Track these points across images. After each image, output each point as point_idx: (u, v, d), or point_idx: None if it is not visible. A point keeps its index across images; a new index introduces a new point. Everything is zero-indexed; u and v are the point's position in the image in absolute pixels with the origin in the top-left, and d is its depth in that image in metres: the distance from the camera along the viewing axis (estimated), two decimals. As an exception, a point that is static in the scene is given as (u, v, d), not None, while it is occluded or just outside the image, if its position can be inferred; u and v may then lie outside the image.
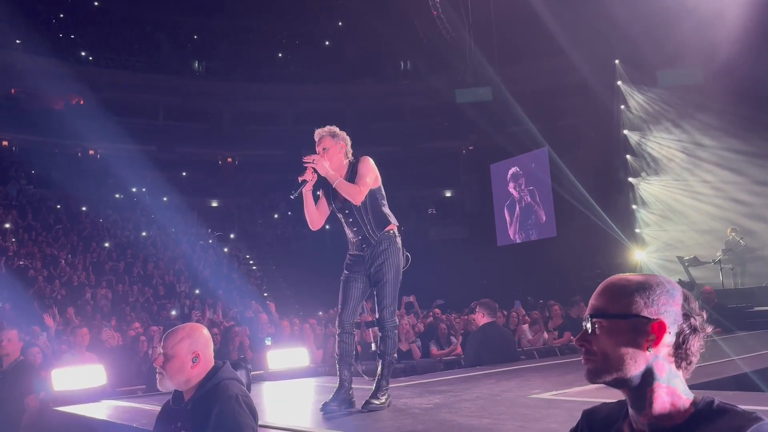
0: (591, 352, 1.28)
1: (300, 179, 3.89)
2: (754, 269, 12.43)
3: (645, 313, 1.26)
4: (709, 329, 1.30)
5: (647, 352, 1.25)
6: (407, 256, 4.03)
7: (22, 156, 22.54)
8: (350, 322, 3.97)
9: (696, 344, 1.28)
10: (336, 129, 4.04)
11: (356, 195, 3.86)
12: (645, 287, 1.28)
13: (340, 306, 3.97)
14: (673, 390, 1.25)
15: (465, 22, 18.43)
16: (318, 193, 4.11)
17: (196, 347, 2.43)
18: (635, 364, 1.25)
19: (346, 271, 4.01)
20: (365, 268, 3.94)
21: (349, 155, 4.04)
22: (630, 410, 1.29)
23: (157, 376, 2.40)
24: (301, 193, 3.92)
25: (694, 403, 1.25)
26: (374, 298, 3.97)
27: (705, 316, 1.30)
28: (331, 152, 3.95)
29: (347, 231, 4.05)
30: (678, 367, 1.27)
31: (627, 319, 1.26)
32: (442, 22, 19.73)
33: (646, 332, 1.25)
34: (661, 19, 13.66)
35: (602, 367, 1.26)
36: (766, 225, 13.42)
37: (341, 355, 3.94)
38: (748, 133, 13.85)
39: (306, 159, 3.89)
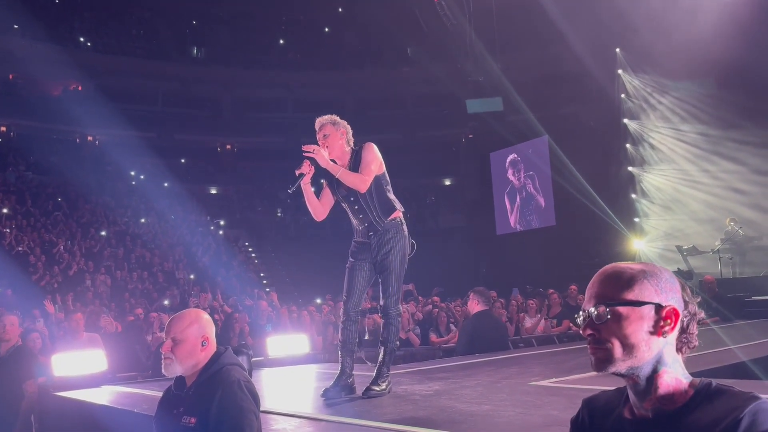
0: (601, 340, 1.26)
1: (297, 172, 3.84)
2: (753, 259, 12.44)
3: (657, 300, 1.26)
4: (702, 314, 1.32)
5: (661, 339, 1.25)
6: (413, 243, 4.02)
7: (20, 142, 22.47)
8: (355, 311, 3.97)
9: (695, 329, 1.30)
10: (337, 117, 4.01)
11: (361, 184, 3.84)
12: (652, 274, 1.29)
13: (345, 294, 3.96)
14: (676, 374, 1.27)
15: (466, 9, 18.32)
16: (321, 181, 4.10)
17: (204, 331, 2.46)
18: (649, 351, 1.25)
19: (351, 259, 3.99)
20: (371, 255, 3.93)
21: (351, 143, 4.02)
22: (632, 396, 1.30)
23: (164, 361, 2.40)
24: (299, 186, 3.88)
25: (692, 386, 1.26)
26: (379, 286, 3.97)
27: (697, 301, 1.32)
28: (332, 139, 3.93)
29: (352, 219, 4.03)
30: (679, 351, 1.29)
31: (642, 306, 1.25)
32: (442, 9, 19.61)
33: (661, 319, 1.25)
34: (662, 6, 13.58)
35: (615, 356, 1.24)
36: (765, 215, 13.42)
37: (344, 342, 3.95)
38: (747, 122, 13.83)
39: (305, 148, 3.83)
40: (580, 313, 1.31)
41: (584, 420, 1.40)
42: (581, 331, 1.30)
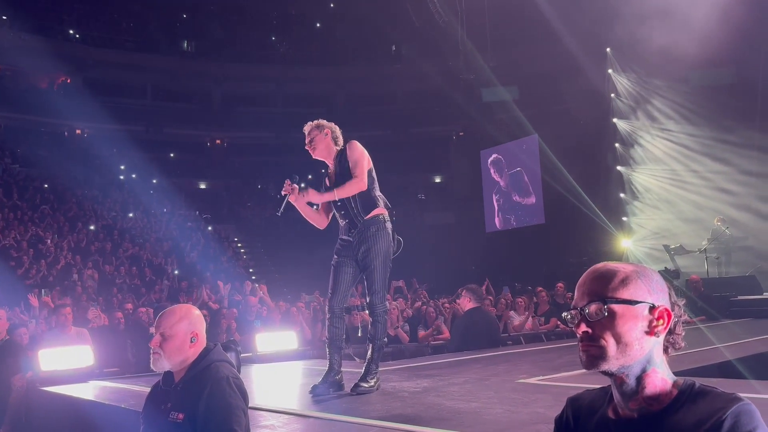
0: (594, 337, 1.26)
1: (282, 194, 3.96)
2: (739, 258, 12.56)
3: (650, 300, 1.27)
4: (686, 316, 1.33)
5: (653, 338, 1.27)
6: (399, 240, 4.02)
7: (7, 134, 22.24)
8: (340, 307, 3.98)
9: (681, 330, 1.31)
10: (322, 121, 4.09)
11: (357, 187, 3.88)
12: (644, 275, 1.30)
13: (330, 291, 3.98)
14: (662, 374, 1.28)
15: (458, 6, 18.32)
16: (309, 177, 4.12)
17: (194, 327, 2.45)
18: (641, 350, 1.25)
19: (335, 257, 4.01)
20: (353, 253, 3.95)
21: (339, 141, 4.05)
22: (617, 396, 1.30)
23: (152, 356, 2.40)
24: (288, 204, 3.97)
25: (676, 386, 1.27)
26: (364, 284, 3.98)
27: (682, 303, 1.33)
28: (317, 140, 4.01)
29: (337, 215, 4.06)
30: (665, 352, 1.30)
31: (637, 304, 1.26)
32: (434, 5, 19.60)
33: (654, 318, 1.27)
34: (653, 6, 13.63)
35: (609, 353, 1.24)
36: (752, 215, 13.55)
37: (331, 339, 3.96)
38: (735, 123, 13.95)
39: (285, 191, 3.95)
40: (570, 310, 1.31)
41: (568, 419, 1.40)
42: (574, 328, 1.29)
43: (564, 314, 1.34)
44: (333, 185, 3.96)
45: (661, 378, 1.27)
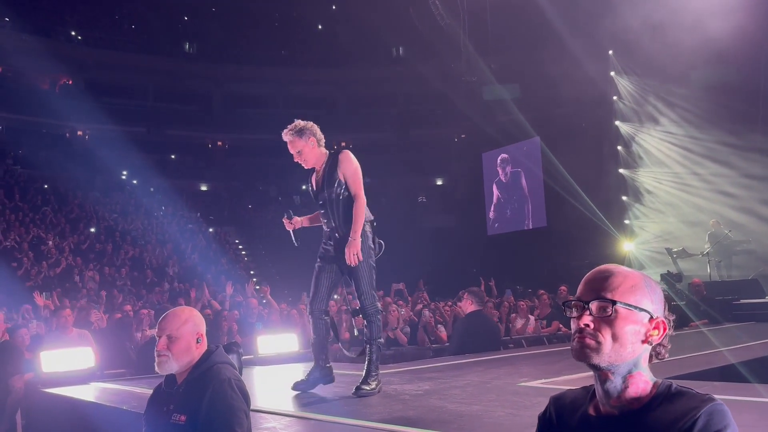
0: (594, 332, 1.32)
1: (290, 230, 4.17)
2: (741, 262, 12.52)
3: (651, 310, 1.35)
4: (672, 332, 1.40)
5: (645, 345, 1.34)
6: (380, 243, 4.06)
7: (9, 136, 22.29)
8: (320, 309, 4.08)
9: (668, 343, 1.39)
10: (300, 123, 3.98)
11: (362, 206, 3.90)
12: (651, 286, 1.37)
13: (310, 295, 4.09)
14: (645, 377, 1.35)
15: (459, 8, 18.33)
16: (307, 183, 4.14)
17: (198, 328, 2.47)
18: (632, 353, 1.32)
19: (318, 260, 4.12)
20: (334, 258, 4.02)
21: (322, 142, 4.04)
22: (600, 393, 1.36)
23: (159, 358, 2.39)
24: (298, 227, 4.18)
25: (655, 386, 1.34)
26: (353, 288, 4.03)
27: (672, 318, 1.40)
28: (306, 152, 3.97)
29: (322, 220, 4.12)
30: (650, 359, 1.38)
31: (641, 311, 1.34)
32: (436, 8, 19.62)
33: (651, 327, 1.35)
34: (656, 9, 13.62)
35: (604, 349, 1.31)
36: (754, 218, 13.52)
37: (315, 339, 4.11)
38: (738, 126, 13.93)
39: (288, 228, 4.19)
40: (574, 302, 1.36)
41: (551, 416, 1.47)
42: (577, 321, 1.34)
43: (567, 301, 1.39)
44: (320, 190, 4.01)
45: (644, 380, 1.35)
